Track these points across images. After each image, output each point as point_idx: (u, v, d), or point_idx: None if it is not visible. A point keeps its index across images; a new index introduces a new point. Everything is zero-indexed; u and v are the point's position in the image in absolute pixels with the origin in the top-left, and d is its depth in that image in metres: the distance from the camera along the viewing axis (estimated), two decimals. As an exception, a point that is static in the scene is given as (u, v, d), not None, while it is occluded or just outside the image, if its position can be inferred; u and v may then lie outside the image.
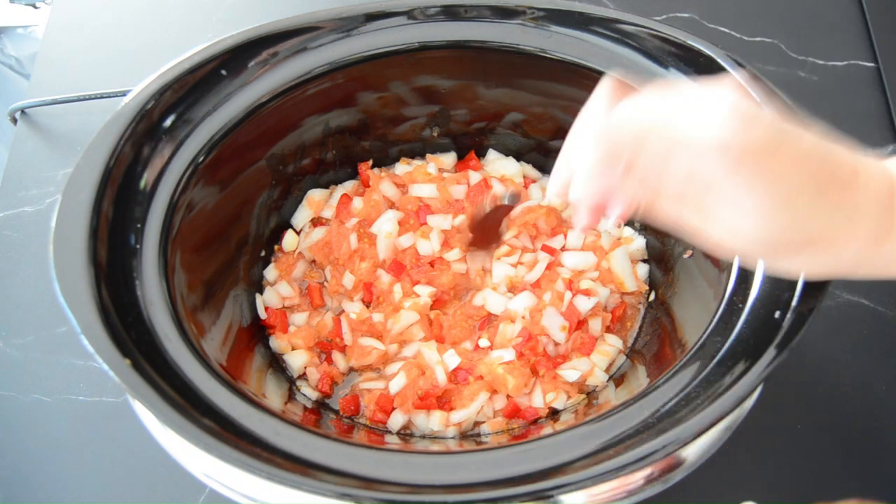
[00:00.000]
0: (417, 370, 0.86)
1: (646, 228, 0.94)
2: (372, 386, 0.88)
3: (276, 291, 0.93)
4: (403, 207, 0.96)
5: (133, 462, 0.92)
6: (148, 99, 0.71)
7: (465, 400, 0.84)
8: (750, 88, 0.68)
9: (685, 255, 0.85)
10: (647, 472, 0.61)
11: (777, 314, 0.62)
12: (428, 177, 0.96)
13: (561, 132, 0.92)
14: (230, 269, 0.87)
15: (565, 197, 0.59)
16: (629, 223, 0.97)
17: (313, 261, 0.96)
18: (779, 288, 0.63)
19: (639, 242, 0.94)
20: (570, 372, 0.85)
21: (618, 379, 0.87)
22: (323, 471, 0.58)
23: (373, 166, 0.99)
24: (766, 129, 0.47)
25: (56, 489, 0.91)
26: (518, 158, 1.00)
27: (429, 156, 1.00)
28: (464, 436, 0.85)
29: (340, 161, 0.97)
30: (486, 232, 0.80)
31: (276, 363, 0.91)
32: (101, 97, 1.15)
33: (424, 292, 0.90)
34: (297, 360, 0.90)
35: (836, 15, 1.24)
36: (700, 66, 0.74)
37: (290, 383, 0.90)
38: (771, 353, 0.60)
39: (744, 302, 0.65)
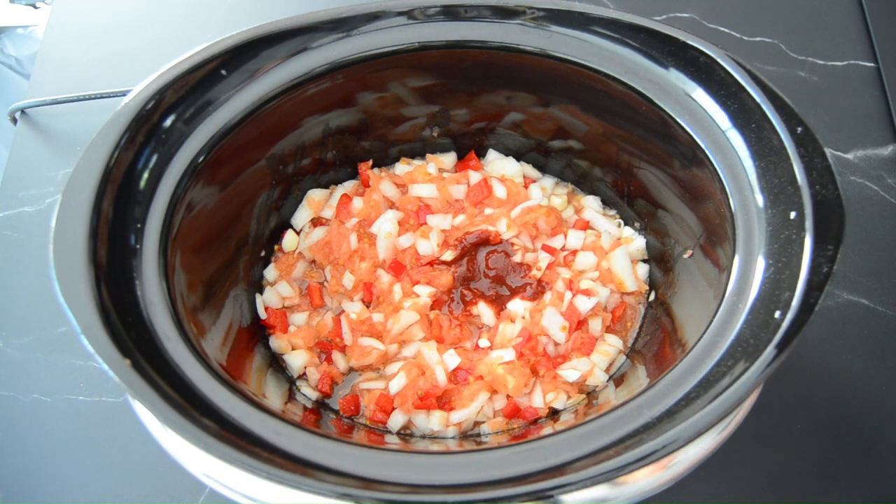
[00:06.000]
0: (417, 370, 0.86)
1: (646, 228, 0.94)
2: (372, 386, 0.88)
3: (276, 291, 0.93)
4: (403, 207, 0.96)
5: (133, 462, 0.92)
6: (148, 99, 0.71)
7: (465, 400, 0.84)
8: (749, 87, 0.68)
9: (685, 255, 0.85)
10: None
11: (777, 314, 0.62)
12: (428, 177, 0.96)
13: (561, 132, 0.93)
14: (230, 269, 0.87)
15: None
16: (629, 223, 0.97)
17: (313, 261, 0.96)
18: (779, 288, 0.63)
19: (639, 242, 0.94)
20: (570, 372, 0.85)
21: (618, 379, 0.87)
22: (323, 471, 0.58)
23: (373, 166, 0.99)
24: None
25: (56, 489, 0.91)
26: (518, 158, 1.00)
27: (429, 156, 1.00)
28: (464, 436, 0.85)
29: (340, 161, 0.97)
30: None
31: (276, 363, 0.91)
32: (101, 97, 1.15)
33: (424, 292, 0.90)
34: (297, 360, 0.90)
35: (836, 15, 1.24)
36: (700, 65, 0.74)
37: (290, 383, 0.90)
38: (771, 353, 0.60)
39: (744, 302, 0.65)
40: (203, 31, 1.29)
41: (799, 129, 0.68)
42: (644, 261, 0.95)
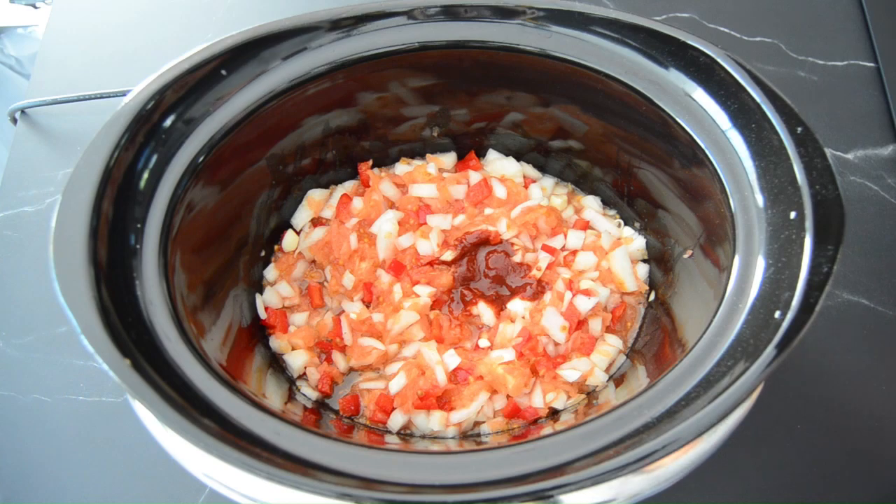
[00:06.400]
0: (417, 370, 0.86)
1: (646, 228, 0.94)
2: (372, 386, 0.88)
3: (276, 291, 0.93)
4: (403, 207, 0.96)
5: (133, 462, 0.92)
6: (148, 99, 0.71)
7: (465, 400, 0.84)
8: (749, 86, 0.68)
9: (685, 255, 0.85)
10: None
11: (777, 314, 0.62)
12: (428, 177, 0.96)
13: (561, 132, 0.93)
14: (230, 269, 0.87)
15: None
16: (629, 223, 0.97)
17: (313, 261, 0.96)
18: (779, 288, 0.63)
19: (639, 242, 0.94)
20: (570, 372, 0.85)
21: (618, 379, 0.87)
22: (323, 471, 0.58)
23: (373, 166, 0.99)
24: None
25: (56, 489, 0.91)
26: (518, 158, 1.00)
27: (429, 156, 1.00)
28: (464, 436, 0.85)
29: (340, 161, 0.97)
30: None
31: (276, 363, 0.91)
32: (101, 97, 1.15)
33: (424, 292, 0.90)
34: (297, 360, 0.90)
35: (836, 15, 1.24)
36: (700, 65, 0.74)
37: (290, 383, 0.90)
38: (771, 353, 0.60)
39: (744, 302, 0.65)
40: (203, 31, 1.29)
41: (799, 129, 0.68)
42: (644, 261, 0.95)
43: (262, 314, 0.92)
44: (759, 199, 0.69)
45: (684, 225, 0.84)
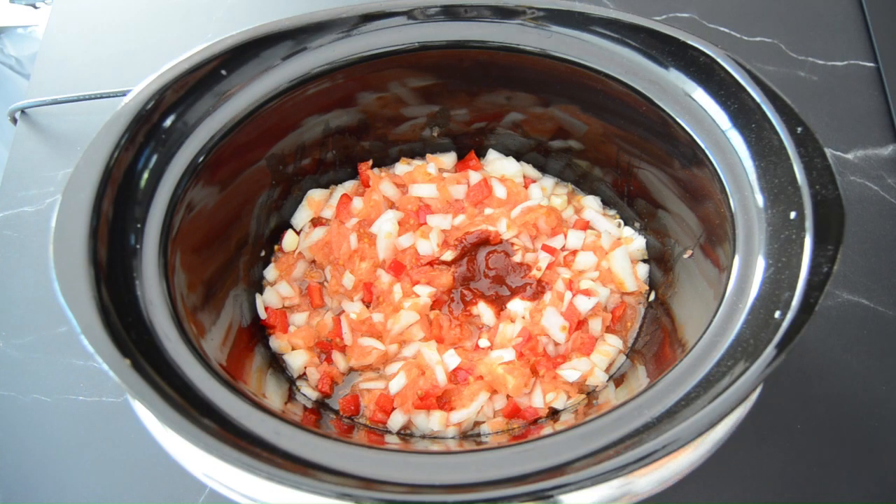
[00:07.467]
0: (417, 370, 0.86)
1: (646, 228, 0.94)
2: (372, 386, 0.88)
3: (276, 291, 0.93)
4: (403, 207, 0.96)
5: (133, 462, 0.92)
6: (148, 99, 0.71)
7: (465, 400, 0.84)
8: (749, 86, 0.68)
9: (685, 255, 0.85)
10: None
11: (777, 314, 0.62)
12: (428, 177, 0.96)
13: (561, 132, 0.93)
14: (230, 269, 0.87)
15: None
16: (629, 223, 0.97)
17: (313, 261, 0.96)
18: (779, 288, 0.63)
19: (639, 242, 0.94)
20: (570, 372, 0.85)
21: (618, 379, 0.87)
22: (323, 471, 0.58)
23: (373, 166, 0.99)
24: None
25: (56, 489, 0.91)
26: (518, 158, 1.00)
27: (429, 156, 1.00)
28: (464, 436, 0.85)
29: (340, 161, 0.97)
30: None
31: (276, 363, 0.91)
32: (101, 97, 1.15)
33: (424, 292, 0.90)
34: (297, 360, 0.90)
35: (836, 15, 1.24)
36: (700, 65, 0.74)
37: (290, 383, 0.90)
38: (771, 353, 0.60)
39: (744, 302, 0.65)
40: (203, 31, 1.29)
41: (799, 129, 0.68)
42: (644, 261, 0.95)
43: (262, 314, 0.92)
44: (759, 199, 0.69)
45: (684, 225, 0.84)
